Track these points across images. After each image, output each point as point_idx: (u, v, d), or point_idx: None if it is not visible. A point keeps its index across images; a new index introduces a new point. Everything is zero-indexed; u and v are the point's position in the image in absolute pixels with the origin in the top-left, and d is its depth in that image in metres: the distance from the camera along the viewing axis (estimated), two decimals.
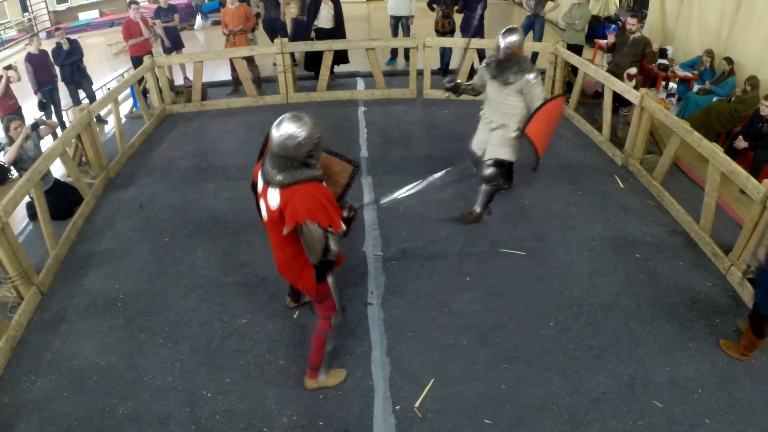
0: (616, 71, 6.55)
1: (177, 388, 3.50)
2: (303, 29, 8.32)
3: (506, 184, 5.52)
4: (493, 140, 4.79)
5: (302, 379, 3.51)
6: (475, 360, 3.65)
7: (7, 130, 5.04)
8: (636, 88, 6.35)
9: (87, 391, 3.48)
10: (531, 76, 4.51)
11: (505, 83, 4.58)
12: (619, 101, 6.36)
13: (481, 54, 8.40)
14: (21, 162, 4.99)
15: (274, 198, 2.75)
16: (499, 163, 4.85)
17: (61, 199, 5.23)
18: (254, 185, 3.03)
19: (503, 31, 4.55)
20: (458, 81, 4.95)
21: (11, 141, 5.04)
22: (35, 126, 5.42)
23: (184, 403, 3.40)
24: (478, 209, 5.04)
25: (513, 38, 4.48)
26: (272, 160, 2.76)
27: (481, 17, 8.23)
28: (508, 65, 4.55)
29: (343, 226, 2.86)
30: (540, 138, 4.46)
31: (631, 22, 6.62)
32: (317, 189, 2.74)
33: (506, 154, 4.78)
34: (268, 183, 2.78)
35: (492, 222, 5.06)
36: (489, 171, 4.86)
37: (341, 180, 3.20)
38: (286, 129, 2.65)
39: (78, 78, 7.67)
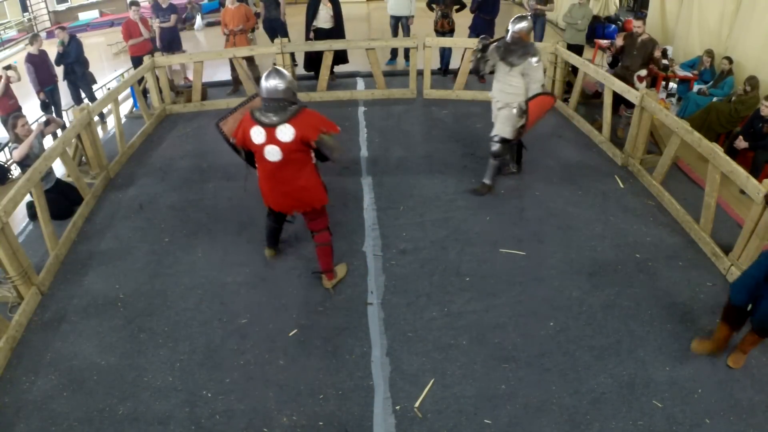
0: (625, 74, 6.51)
1: (177, 388, 3.50)
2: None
3: (515, 168, 5.83)
4: (499, 118, 5.25)
5: (302, 378, 3.53)
6: (475, 360, 3.65)
7: (14, 127, 5.07)
8: None
9: (87, 391, 3.49)
10: (534, 59, 4.95)
11: (510, 65, 5.00)
12: (625, 103, 6.35)
13: None
14: (27, 159, 5.01)
15: (286, 132, 3.53)
16: (504, 140, 5.27)
17: (61, 199, 5.24)
18: (239, 148, 3.89)
19: (514, 18, 5.03)
20: (490, 40, 5.23)
21: (17, 138, 5.06)
22: (47, 123, 5.47)
23: (184, 403, 3.40)
24: (487, 181, 5.48)
25: (520, 25, 4.95)
26: (268, 107, 3.57)
27: (493, 19, 8.26)
28: (514, 48, 4.98)
29: (338, 128, 3.74)
30: (531, 118, 5.04)
31: (636, 24, 6.55)
32: (310, 111, 3.64)
33: (508, 133, 5.22)
34: (273, 126, 3.53)
35: (492, 222, 5.06)
36: (495, 147, 5.33)
37: None
38: (273, 81, 3.53)
39: (73, 79, 7.68)
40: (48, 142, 5.71)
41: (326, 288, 4.23)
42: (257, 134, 3.59)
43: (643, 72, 6.50)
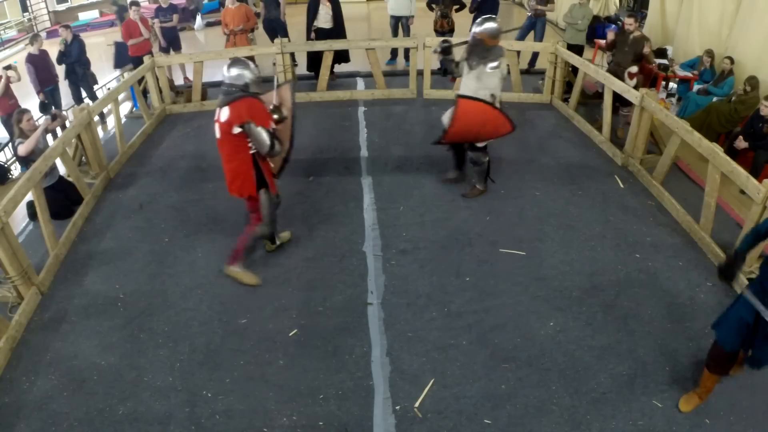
0: (617, 71, 6.56)
1: (177, 388, 3.50)
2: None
3: (452, 174, 5.63)
4: None
5: (302, 378, 3.54)
6: (475, 360, 3.65)
7: (19, 122, 5.09)
8: (637, 86, 6.35)
9: (87, 391, 3.49)
10: (492, 65, 4.72)
11: (469, 67, 4.83)
12: (620, 101, 6.37)
13: None
14: (32, 154, 5.03)
15: (225, 113, 3.83)
16: (474, 147, 5.14)
17: (63, 197, 5.25)
18: None
19: (480, 18, 4.83)
20: (452, 43, 5.07)
21: (22, 133, 5.08)
22: (54, 117, 5.51)
23: (184, 403, 3.40)
24: (478, 186, 5.40)
25: (483, 27, 4.72)
26: (223, 91, 3.92)
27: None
28: (475, 50, 4.79)
29: (272, 125, 3.98)
30: (461, 123, 4.81)
31: (628, 21, 6.63)
32: (252, 100, 3.87)
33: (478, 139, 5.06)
34: (221, 106, 3.88)
35: (492, 222, 5.06)
36: (471, 155, 5.23)
37: (286, 97, 4.35)
38: (230, 69, 3.89)
39: (74, 79, 7.70)
40: (49, 139, 5.72)
41: (225, 272, 4.37)
42: (216, 111, 3.99)
43: (634, 69, 6.51)
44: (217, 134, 3.98)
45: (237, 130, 3.81)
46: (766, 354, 2.98)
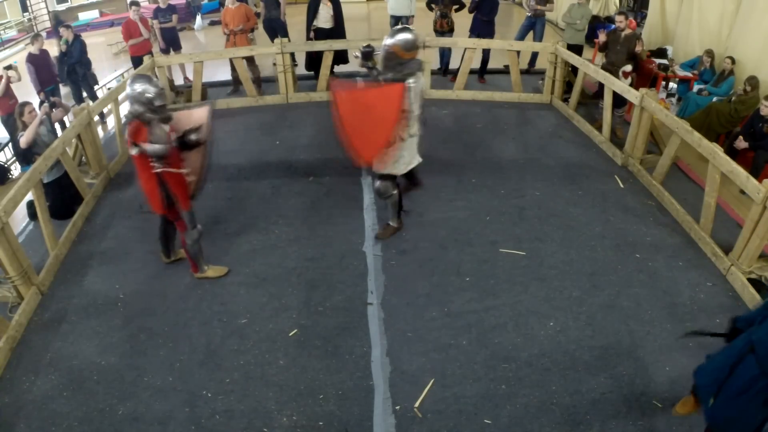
0: (611, 69, 6.56)
1: (177, 388, 3.50)
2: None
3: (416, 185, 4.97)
4: None
5: (302, 378, 3.55)
6: (475, 360, 3.65)
7: (21, 115, 5.11)
8: (631, 85, 6.35)
9: (87, 391, 3.49)
10: (409, 81, 4.20)
11: (384, 82, 4.30)
12: (613, 102, 6.35)
13: (485, 55, 8.41)
14: (35, 146, 5.02)
15: (126, 131, 3.88)
16: (385, 176, 4.52)
17: (66, 195, 5.26)
18: None
19: (394, 28, 4.34)
20: (375, 48, 4.49)
21: (24, 126, 5.10)
22: (53, 105, 5.51)
23: (184, 403, 3.40)
24: (391, 224, 4.86)
25: (396, 38, 4.19)
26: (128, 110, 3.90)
27: (492, 19, 8.24)
28: (389, 65, 4.26)
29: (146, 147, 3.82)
30: (345, 101, 4.17)
31: (618, 19, 6.64)
32: (136, 125, 3.81)
33: (381, 167, 4.44)
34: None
35: (492, 222, 5.06)
36: (376, 185, 4.62)
37: (203, 120, 4.25)
38: (136, 85, 3.82)
39: (75, 78, 7.70)
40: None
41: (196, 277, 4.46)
42: None
43: (629, 67, 6.51)
44: None
45: (133, 151, 3.81)
46: (724, 410, 2.69)
